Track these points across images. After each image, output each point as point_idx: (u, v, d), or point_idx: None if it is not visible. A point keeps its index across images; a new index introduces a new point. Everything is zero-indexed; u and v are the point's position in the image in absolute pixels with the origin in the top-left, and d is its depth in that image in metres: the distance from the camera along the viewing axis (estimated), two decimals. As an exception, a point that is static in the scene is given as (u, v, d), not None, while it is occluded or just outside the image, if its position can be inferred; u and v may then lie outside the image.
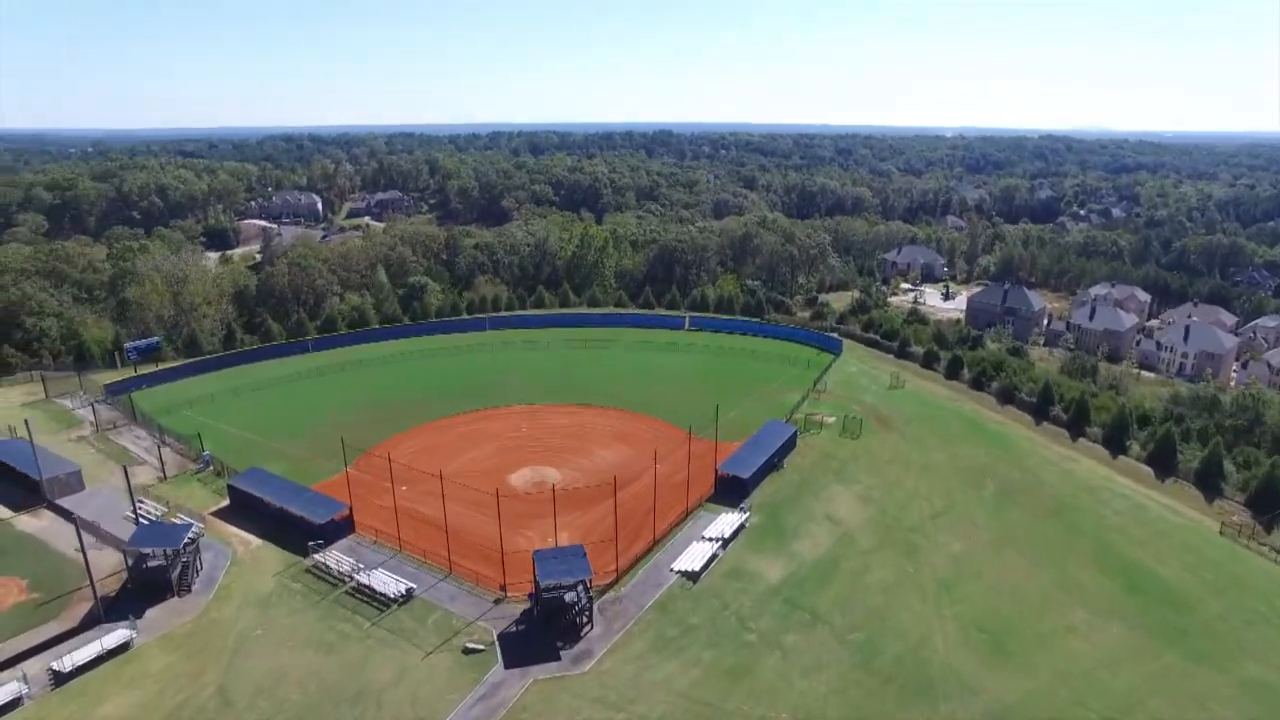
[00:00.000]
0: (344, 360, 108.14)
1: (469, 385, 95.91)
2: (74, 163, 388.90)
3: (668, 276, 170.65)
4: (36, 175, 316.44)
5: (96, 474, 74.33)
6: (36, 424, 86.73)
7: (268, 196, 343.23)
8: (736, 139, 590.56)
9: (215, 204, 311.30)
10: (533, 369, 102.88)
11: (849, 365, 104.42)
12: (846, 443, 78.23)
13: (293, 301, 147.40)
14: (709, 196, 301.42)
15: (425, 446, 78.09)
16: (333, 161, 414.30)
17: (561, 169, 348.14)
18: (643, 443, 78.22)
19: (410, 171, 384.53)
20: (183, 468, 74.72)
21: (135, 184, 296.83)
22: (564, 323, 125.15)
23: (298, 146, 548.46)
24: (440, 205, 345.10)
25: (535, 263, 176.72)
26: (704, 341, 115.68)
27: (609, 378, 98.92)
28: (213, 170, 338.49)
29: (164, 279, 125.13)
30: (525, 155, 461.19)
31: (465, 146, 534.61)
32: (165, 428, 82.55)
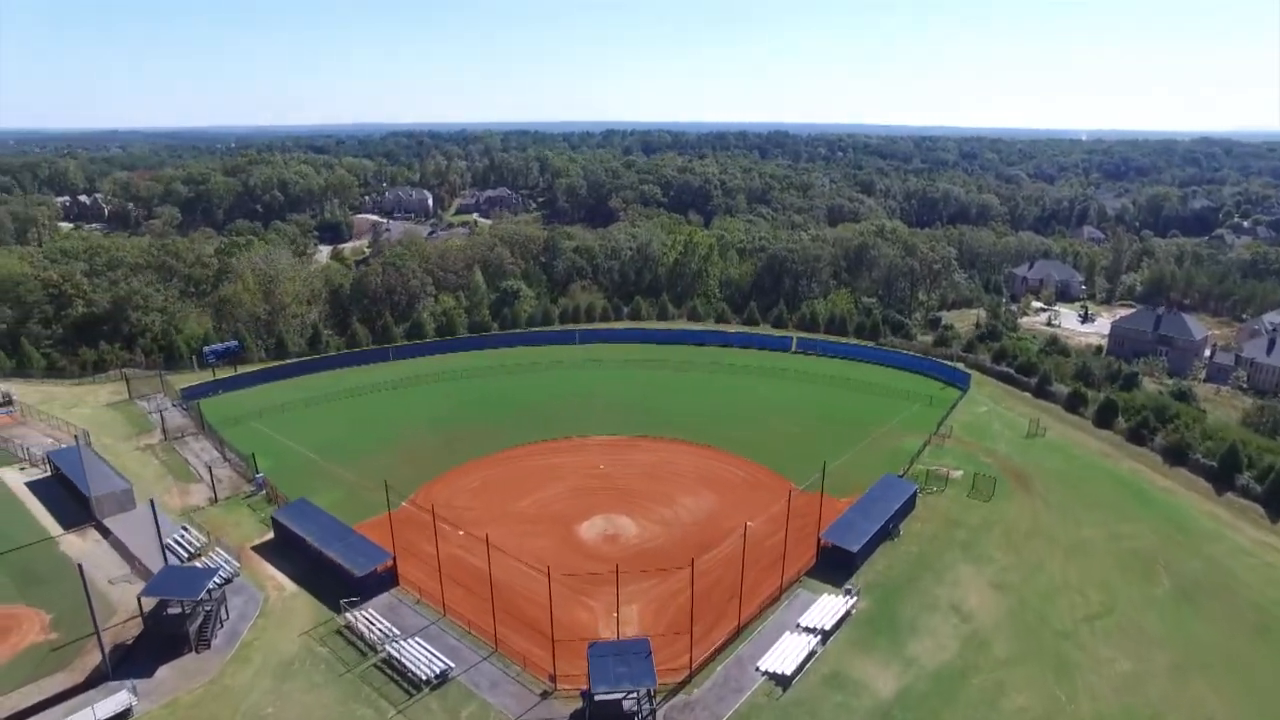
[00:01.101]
0: (423, 371, 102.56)
1: (548, 408, 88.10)
2: (210, 158, 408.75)
3: (775, 288, 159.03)
4: (177, 170, 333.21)
5: (152, 489, 70.28)
6: (111, 428, 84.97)
7: (381, 192, 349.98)
8: (854, 141, 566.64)
9: (332, 198, 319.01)
10: (620, 392, 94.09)
11: (978, 404, 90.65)
12: (976, 506, 65.64)
13: (385, 302, 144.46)
14: (823, 201, 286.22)
15: (491, 480, 70.49)
16: (446, 158, 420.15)
17: (671, 169, 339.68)
18: (735, 491, 68.13)
19: (520, 169, 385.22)
20: (237, 489, 69.86)
21: (260, 178, 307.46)
22: (659, 338, 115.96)
23: (417, 143, 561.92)
24: (548, 204, 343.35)
25: (636, 268, 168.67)
26: (812, 367, 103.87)
27: (703, 406, 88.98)
28: (331, 166, 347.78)
29: (255, 277, 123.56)
30: (636, 154, 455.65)
31: (578, 144, 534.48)
32: (227, 441, 78.40)
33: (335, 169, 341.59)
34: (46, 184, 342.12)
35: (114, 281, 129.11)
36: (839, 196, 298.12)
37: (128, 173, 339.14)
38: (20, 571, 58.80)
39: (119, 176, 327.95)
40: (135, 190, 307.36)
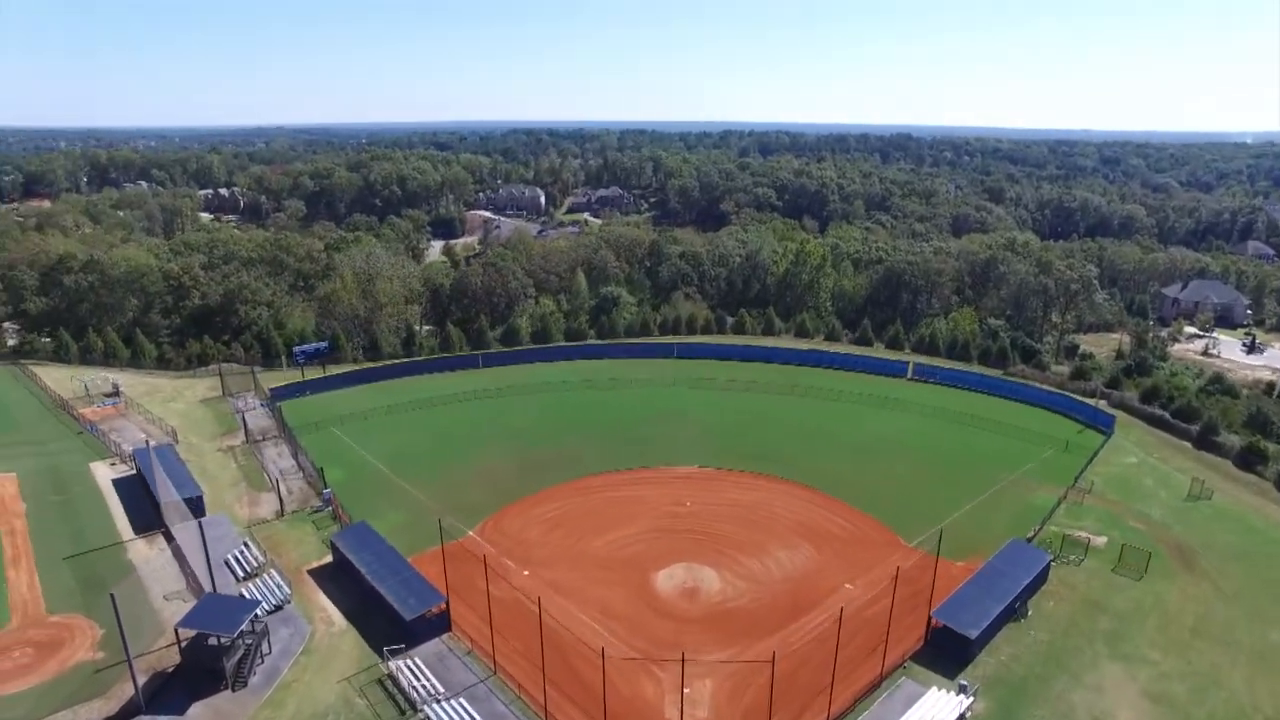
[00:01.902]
0: (513, 381, 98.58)
1: (637, 430, 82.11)
2: (338, 153, 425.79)
3: (892, 303, 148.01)
4: (305, 166, 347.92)
5: (225, 496, 68.90)
6: (200, 425, 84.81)
7: (495, 189, 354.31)
8: (983, 145, 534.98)
9: (447, 194, 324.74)
10: (715, 415, 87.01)
11: (1125, 454, 78.54)
12: (1124, 585, 55.21)
13: (484, 303, 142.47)
14: (947, 210, 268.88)
15: (567, 512, 65.09)
16: (560, 156, 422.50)
17: (787, 172, 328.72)
18: (835, 545, 60.14)
19: (633, 168, 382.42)
20: (305, 502, 67.24)
21: (380, 174, 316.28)
22: (762, 356, 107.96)
23: (535, 140, 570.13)
24: (659, 204, 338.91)
25: (744, 277, 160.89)
26: (930, 398, 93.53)
27: (805, 438, 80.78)
28: (449, 162, 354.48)
29: (354, 276, 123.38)
30: (753, 156, 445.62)
31: (694, 145, 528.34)
32: (304, 448, 76.36)
33: (452, 165, 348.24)
34: (193, 178, 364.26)
35: (226, 275, 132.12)
36: (965, 204, 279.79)
37: (262, 167, 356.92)
38: (87, 576, 57.60)
39: (254, 171, 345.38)
40: (267, 184, 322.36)
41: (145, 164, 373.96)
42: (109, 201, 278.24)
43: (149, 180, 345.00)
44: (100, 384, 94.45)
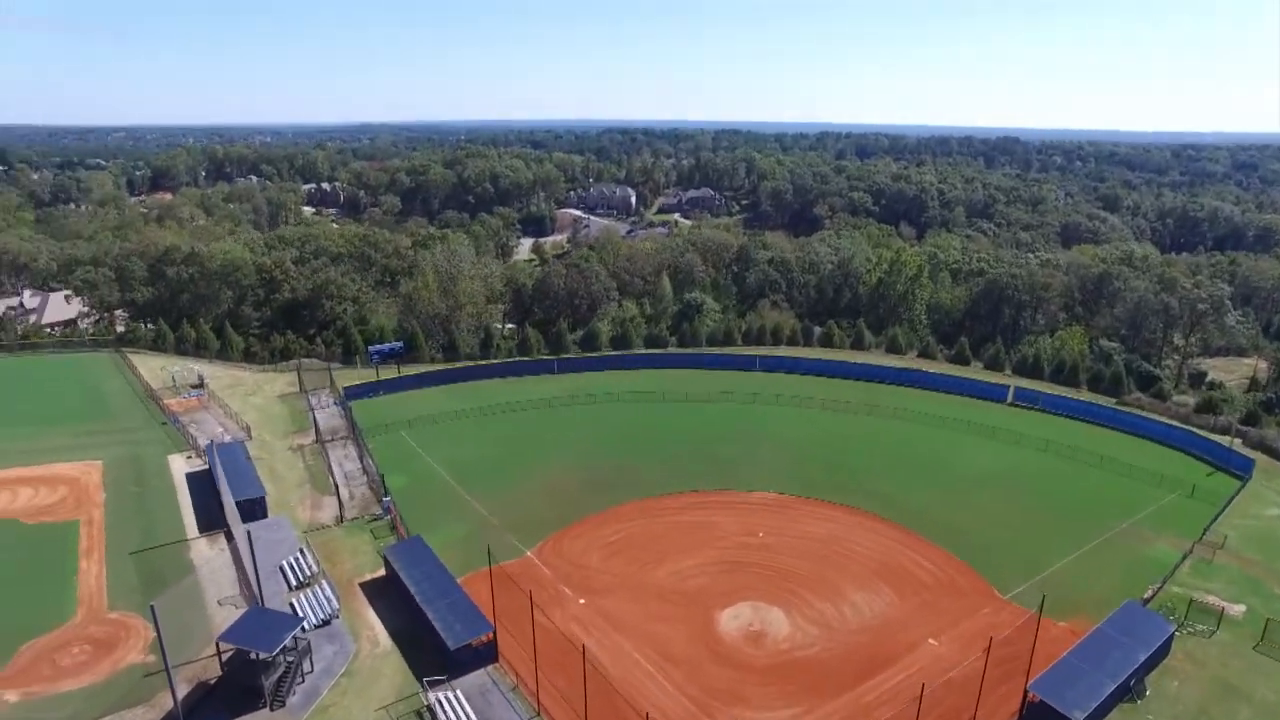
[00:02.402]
0: (587, 389, 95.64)
1: (712, 449, 77.79)
2: (435, 150, 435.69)
3: (992, 319, 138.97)
4: (402, 162, 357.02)
5: (289, 497, 68.35)
6: (275, 422, 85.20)
7: (586, 187, 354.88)
8: (1096, 149, 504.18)
9: (539, 192, 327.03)
10: (796, 436, 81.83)
11: (1267, 504, 69.42)
12: (1269, 668, 47.71)
13: (566, 305, 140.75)
14: (1056, 218, 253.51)
15: (632, 536, 61.58)
16: (653, 156, 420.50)
17: (884, 175, 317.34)
18: (920, 592, 54.60)
19: (726, 169, 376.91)
20: (366, 509, 65.94)
21: (474, 171, 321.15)
22: (850, 373, 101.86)
23: (630, 139, 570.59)
24: (750, 207, 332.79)
25: (835, 285, 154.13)
26: (1031, 427, 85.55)
27: (893, 467, 74.77)
28: (541, 161, 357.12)
29: (436, 274, 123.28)
30: (850, 158, 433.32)
31: (790, 146, 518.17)
32: (370, 451, 75.42)
33: (545, 164, 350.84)
34: (299, 173, 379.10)
35: (315, 270, 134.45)
36: (1076, 213, 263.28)
37: (362, 163, 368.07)
38: (149, 573, 57.51)
39: (354, 167, 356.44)
40: (366, 179, 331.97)
41: (256, 159, 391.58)
42: (221, 195, 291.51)
43: (259, 175, 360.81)
44: (187, 375, 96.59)
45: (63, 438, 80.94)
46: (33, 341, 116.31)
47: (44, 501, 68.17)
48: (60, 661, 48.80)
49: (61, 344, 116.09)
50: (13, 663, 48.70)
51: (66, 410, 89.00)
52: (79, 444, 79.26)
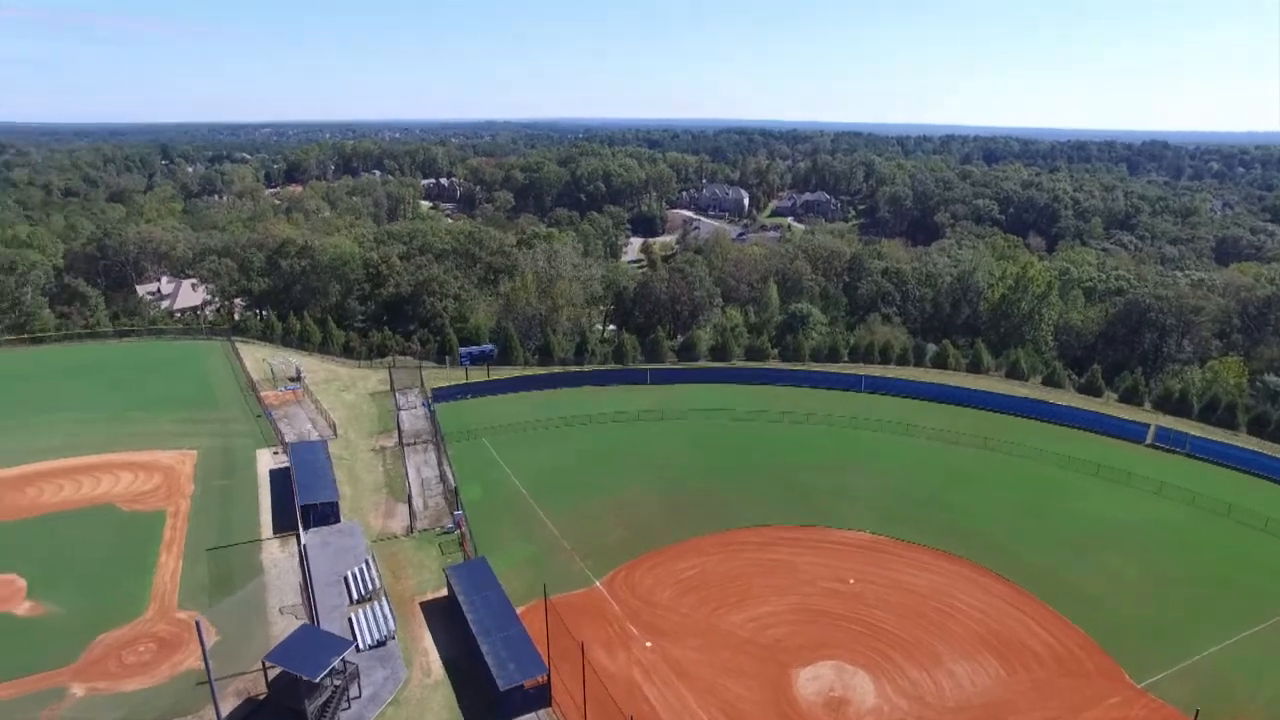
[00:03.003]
0: (680, 403, 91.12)
1: (805, 478, 71.97)
2: (552, 148, 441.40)
3: (1131, 344, 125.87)
4: (517, 159, 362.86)
5: (364, 503, 67.39)
6: (361, 421, 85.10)
7: (699, 188, 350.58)
8: (1263, 153, 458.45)
9: (651, 192, 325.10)
10: (900, 470, 74.78)
11: None
12: None
13: (668, 310, 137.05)
14: (1211, 231, 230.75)
15: (709, 572, 57.05)
16: (768, 157, 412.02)
17: (1013, 182, 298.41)
18: (1033, 668, 47.68)
19: (843, 173, 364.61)
20: (438, 520, 64.11)
21: (586, 169, 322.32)
22: (966, 399, 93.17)
23: (747, 140, 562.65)
24: (867, 212, 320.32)
25: (952, 300, 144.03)
26: (1178, 476, 74.68)
27: (1008, 513, 66.85)
28: (655, 160, 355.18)
29: (535, 275, 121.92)
30: (976, 163, 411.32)
31: (912, 150, 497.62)
32: (450, 458, 73.84)
33: (658, 163, 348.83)
34: (419, 168, 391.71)
35: (419, 266, 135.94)
36: (1236, 225, 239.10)
37: (479, 159, 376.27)
38: (220, 573, 57.33)
39: (471, 163, 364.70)
40: (481, 175, 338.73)
41: (380, 154, 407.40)
42: (345, 189, 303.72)
43: (381, 170, 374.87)
44: (285, 368, 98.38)
45: (169, 424, 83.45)
46: (158, 327, 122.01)
47: (140, 488, 69.86)
48: (126, 659, 48.81)
49: (183, 330, 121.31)
50: (86, 654, 49.10)
51: (177, 396, 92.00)
52: (181, 431, 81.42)
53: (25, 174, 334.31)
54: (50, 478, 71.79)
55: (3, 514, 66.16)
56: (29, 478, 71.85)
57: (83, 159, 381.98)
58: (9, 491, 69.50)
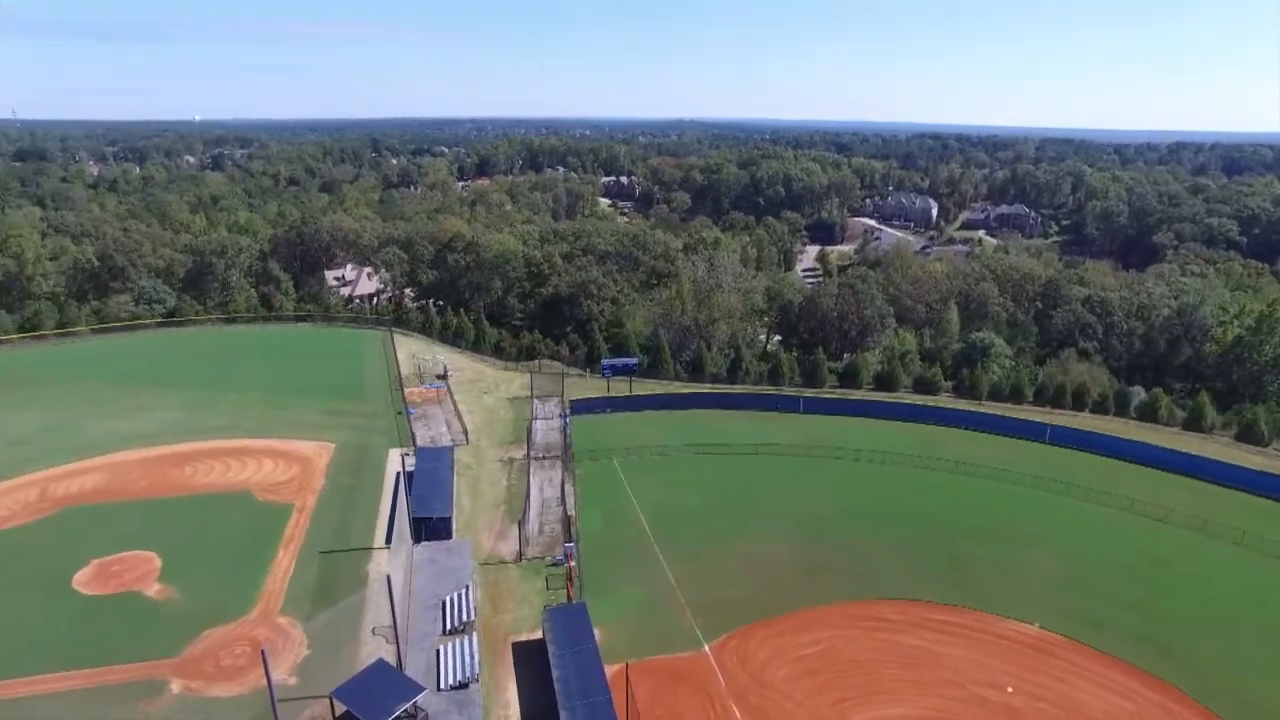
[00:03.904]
0: (829, 437, 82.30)
1: (965, 546, 61.57)
2: (734, 149, 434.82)
3: None
4: (697, 159, 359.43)
5: (480, 520, 64.92)
6: (495, 428, 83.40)
7: (884, 196, 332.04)
8: None
9: (832, 198, 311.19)
10: (1083, 548, 62.14)
11: None
12: None
13: (834, 329, 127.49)
14: None
15: (835, 651, 49.18)
16: (961, 165, 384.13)
17: (1263, 198, 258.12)
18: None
19: (1047, 184, 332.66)
20: (550, 548, 60.28)
21: (766, 172, 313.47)
22: (1182, 465, 76.88)
23: (941, 145, 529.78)
24: (1071, 229, 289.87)
25: (1169, 338, 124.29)
26: None
27: (1231, 626, 52.97)
28: (837, 165, 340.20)
29: (693, 284, 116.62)
30: (1212, 174, 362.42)
31: (1132, 159, 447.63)
32: (577, 478, 70.09)
33: (842, 168, 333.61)
34: (601, 165, 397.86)
35: (580, 267, 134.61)
36: None
37: (660, 159, 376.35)
38: (325, 580, 56.29)
39: (651, 162, 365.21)
40: (661, 175, 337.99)
41: (565, 151, 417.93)
42: (528, 184, 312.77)
43: (565, 166, 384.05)
44: (433, 365, 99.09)
45: (316, 413, 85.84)
46: (331, 314, 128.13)
47: (277, 478, 71.41)
48: (222, 660, 48.38)
49: (351, 319, 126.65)
50: (190, 649, 49.23)
51: (331, 385, 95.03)
52: (325, 422, 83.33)
53: (261, 164, 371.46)
54: (206, 458, 75.15)
55: (162, 490, 69.68)
56: (189, 456, 75.62)
57: (307, 151, 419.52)
58: (171, 468, 73.32)
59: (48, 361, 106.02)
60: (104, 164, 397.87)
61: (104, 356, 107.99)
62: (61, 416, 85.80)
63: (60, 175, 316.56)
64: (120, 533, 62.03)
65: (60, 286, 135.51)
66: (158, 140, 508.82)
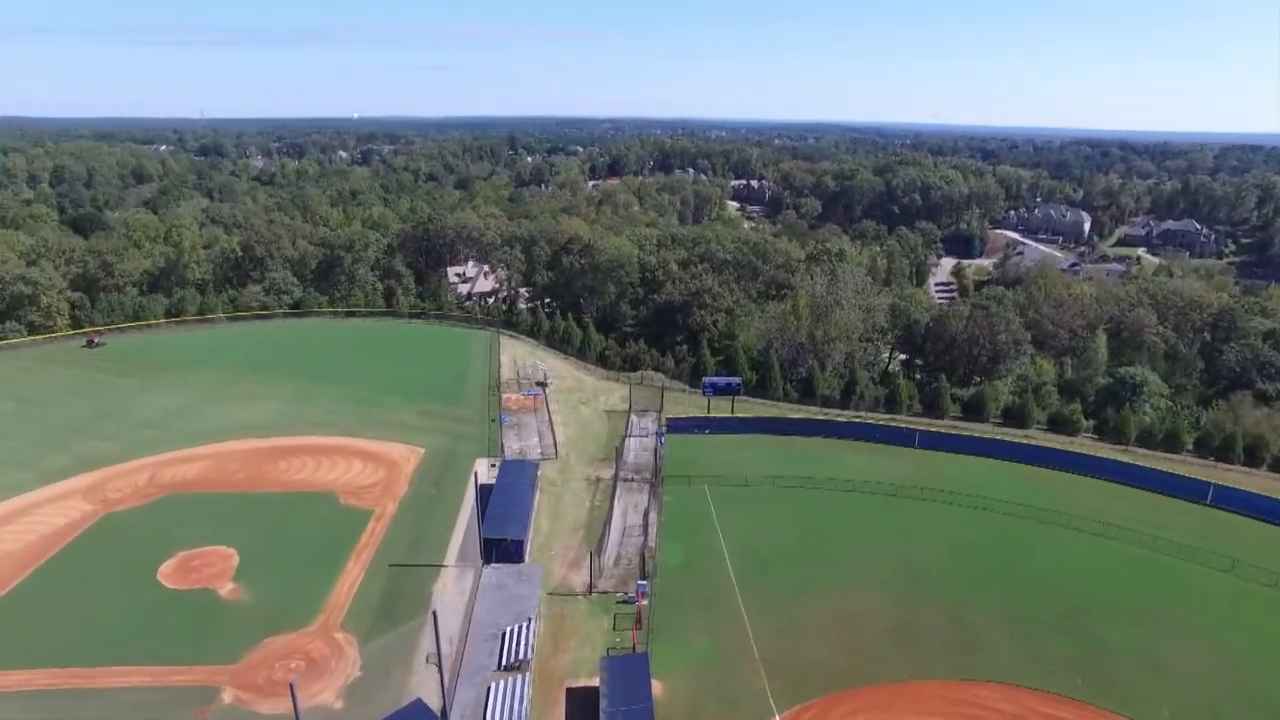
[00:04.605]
0: (946, 478, 74.11)
1: (1094, 626, 52.70)
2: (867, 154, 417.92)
3: None
4: (830, 164, 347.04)
5: (556, 544, 61.87)
6: (587, 442, 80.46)
7: (1031, 207, 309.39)
8: None
9: (973, 208, 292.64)
10: (1247, 644, 51.97)
11: None
12: None
13: (963, 353, 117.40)
14: None
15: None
16: (1121, 175, 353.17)
17: None
18: None
19: (1224, 197, 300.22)
20: (625, 583, 56.37)
21: (903, 180, 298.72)
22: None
23: (1100, 154, 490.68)
24: (1254, 249, 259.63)
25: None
26: None
27: None
28: (980, 174, 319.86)
29: (810, 299, 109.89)
30: None
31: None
32: (664, 505, 65.94)
33: (985, 177, 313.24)
34: (732, 168, 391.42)
35: (695, 275, 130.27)
36: None
37: (792, 163, 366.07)
38: (389, 597, 54.85)
39: (783, 166, 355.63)
40: (792, 179, 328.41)
41: (696, 153, 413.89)
42: (656, 185, 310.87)
43: (695, 168, 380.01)
44: (533, 372, 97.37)
45: (412, 414, 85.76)
46: (443, 312, 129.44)
47: (363, 481, 71.12)
48: (275, 673, 47.46)
49: (462, 318, 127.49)
50: (248, 657, 48.71)
51: (431, 385, 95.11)
52: (419, 424, 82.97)
53: (404, 160, 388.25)
54: (301, 454, 76.05)
55: (256, 484, 70.83)
56: (286, 451, 76.77)
57: (448, 148, 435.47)
58: (267, 462, 74.58)
59: (187, 346, 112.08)
60: (268, 159, 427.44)
61: (232, 344, 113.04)
62: (187, 400, 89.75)
63: (230, 169, 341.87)
64: (210, 525, 63.11)
65: (209, 274, 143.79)
66: (316, 137, 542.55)
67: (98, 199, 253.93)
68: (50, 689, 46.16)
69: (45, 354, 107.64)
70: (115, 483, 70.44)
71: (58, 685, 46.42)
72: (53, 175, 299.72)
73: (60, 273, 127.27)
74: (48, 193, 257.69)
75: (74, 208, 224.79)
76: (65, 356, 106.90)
